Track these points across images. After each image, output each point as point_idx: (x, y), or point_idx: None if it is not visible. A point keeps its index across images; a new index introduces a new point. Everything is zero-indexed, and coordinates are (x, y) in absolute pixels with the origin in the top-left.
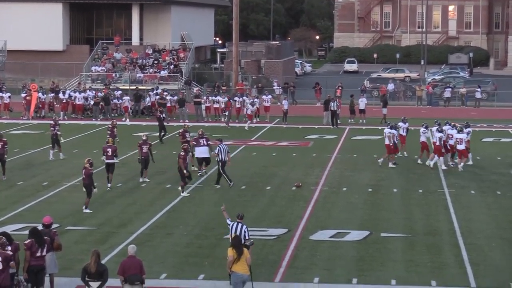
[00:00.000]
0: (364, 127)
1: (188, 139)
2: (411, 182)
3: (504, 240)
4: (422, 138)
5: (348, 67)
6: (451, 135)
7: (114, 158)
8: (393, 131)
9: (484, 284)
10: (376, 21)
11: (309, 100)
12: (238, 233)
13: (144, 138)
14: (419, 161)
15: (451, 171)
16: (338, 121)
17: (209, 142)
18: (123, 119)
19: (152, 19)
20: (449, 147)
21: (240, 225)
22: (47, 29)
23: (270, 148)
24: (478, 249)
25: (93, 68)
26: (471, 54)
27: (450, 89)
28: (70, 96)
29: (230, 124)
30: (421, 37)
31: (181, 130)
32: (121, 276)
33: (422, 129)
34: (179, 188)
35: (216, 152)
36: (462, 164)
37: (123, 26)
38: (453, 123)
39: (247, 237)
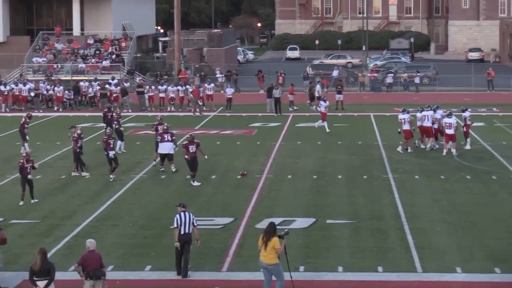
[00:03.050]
0: (307, 114)
1: (160, 131)
2: (356, 168)
3: (448, 224)
4: (406, 126)
5: (290, 54)
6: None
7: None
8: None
9: (430, 268)
10: (317, 7)
11: (252, 88)
12: (185, 222)
13: (78, 132)
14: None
15: (394, 157)
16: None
17: (173, 138)
18: (55, 108)
19: (93, 8)
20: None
21: (187, 213)
22: None
23: (215, 137)
24: (423, 233)
25: (34, 59)
26: (412, 39)
27: (392, 75)
28: (12, 89)
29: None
30: (362, 23)
31: (155, 123)
32: (78, 265)
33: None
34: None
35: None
36: (454, 150)
37: (63, 16)
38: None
39: (195, 224)
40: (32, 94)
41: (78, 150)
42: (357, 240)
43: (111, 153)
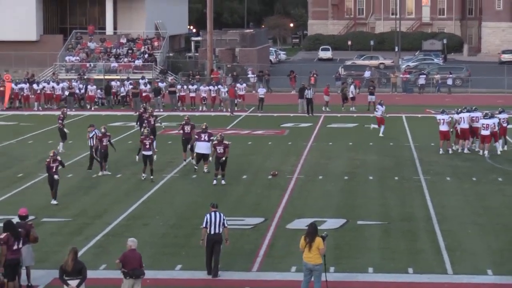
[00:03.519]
0: (339, 115)
1: (187, 131)
2: (387, 169)
3: (479, 226)
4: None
5: (323, 54)
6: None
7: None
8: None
9: (460, 270)
10: (350, 8)
11: (284, 88)
12: (215, 222)
13: (103, 130)
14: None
15: (426, 159)
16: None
17: (211, 138)
18: (88, 107)
19: (126, 8)
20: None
21: (217, 213)
22: (20, 19)
23: (246, 137)
24: (454, 235)
25: (67, 58)
26: (445, 41)
27: (424, 76)
28: (43, 87)
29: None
30: (395, 24)
31: (182, 123)
32: (119, 262)
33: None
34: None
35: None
36: (486, 152)
37: (97, 15)
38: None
39: (225, 225)
40: (67, 93)
41: (102, 150)
42: (388, 241)
43: (146, 153)
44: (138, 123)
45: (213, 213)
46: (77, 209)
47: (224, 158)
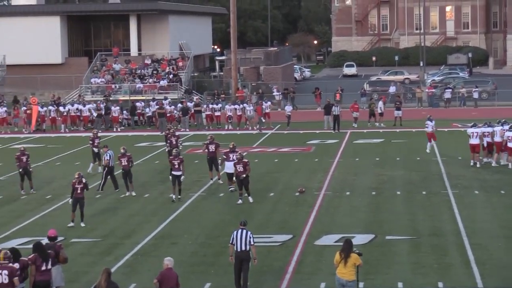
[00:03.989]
0: (365, 131)
1: (212, 150)
2: (414, 184)
3: (509, 239)
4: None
5: (347, 71)
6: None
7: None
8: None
9: (491, 283)
10: (373, 24)
11: (309, 105)
12: (241, 239)
13: (122, 151)
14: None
15: (453, 173)
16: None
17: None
18: (114, 129)
19: (150, 29)
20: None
21: (245, 231)
22: (45, 43)
23: (272, 154)
24: (483, 249)
25: (92, 80)
26: (470, 54)
27: (450, 90)
28: (69, 110)
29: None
30: (419, 39)
31: (206, 142)
32: (157, 282)
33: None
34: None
35: (107, 159)
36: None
37: (121, 37)
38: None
39: (252, 242)
40: (95, 114)
41: (123, 170)
42: (417, 256)
43: (175, 173)
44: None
45: (240, 230)
46: (106, 229)
47: (244, 176)
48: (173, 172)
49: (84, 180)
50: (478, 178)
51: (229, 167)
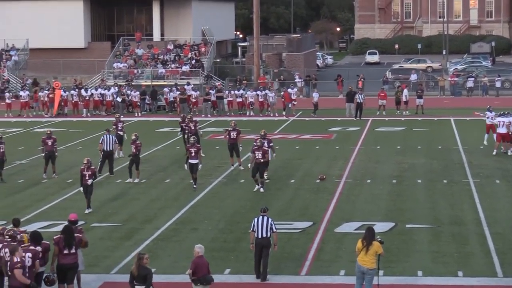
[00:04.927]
0: (387, 119)
1: (233, 136)
2: (435, 173)
3: None
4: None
5: (370, 58)
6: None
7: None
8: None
9: (511, 273)
10: (396, 11)
11: (331, 92)
12: (262, 226)
13: (133, 137)
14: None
15: (475, 162)
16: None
17: (271, 145)
18: (135, 114)
19: (173, 14)
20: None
21: (266, 218)
22: (68, 27)
23: (294, 141)
24: (504, 239)
25: (115, 64)
26: (493, 43)
27: (472, 79)
28: (92, 94)
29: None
30: (442, 27)
31: (229, 128)
32: (191, 272)
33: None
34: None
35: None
36: None
37: (144, 22)
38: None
39: (274, 229)
40: (119, 99)
41: (132, 156)
42: (437, 245)
43: (192, 162)
44: (181, 132)
45: (261, 217)
46: (126, 214)
47: (262, 162)
48: (190, 161)
49: (92, 167)
50: (500, 168)
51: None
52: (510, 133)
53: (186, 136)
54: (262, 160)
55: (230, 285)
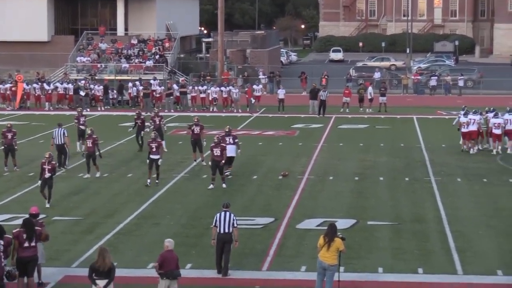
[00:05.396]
0: (350, 116)
1: (196, 132)
2: (398, 170)
3: (490, 228)
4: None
5: (334, 56)
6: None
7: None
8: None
9: (471, 271)
10: (361, 9)
11: (295, 89)
12: (224, 222)
13: (89, 132)
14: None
15: (437, 160)
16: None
17: (236, 141)
18: (98, 108)
19: (137, 9)
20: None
21: (228, 213)
22: (32, 20)
23: (257, 137)
24: (464, 237)
25: (78, 58)
26: (456, 42)
27: (436, 78)
28: (56, 87)
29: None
30: (407, 26)
31: (191, 124)
32: (157, 265)
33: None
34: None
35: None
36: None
37: (108, 16)
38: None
39: (235, 225)
40: (83, 93)
41: (91, 151)
42: (398, 242)
43: (153, 157)
44: (133, 128)
45: (223, 213)
46: (88, 208)
47: (223, 162)
48: (151, 156)
49: (53, 162)
50: (461, 166)
51: (229, 151)
52: (481, 131)
53: (142, 133)
54: (220, 160)
55: (192, 280)
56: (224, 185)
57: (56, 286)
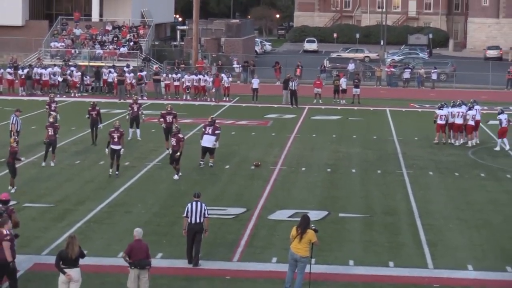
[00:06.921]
0: (323, 107)
1: (169, 120)
2: (370, 162)
3: (461, 221)
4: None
5: (308, 46)
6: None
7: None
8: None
9: (441, 264)
10: (336, 0)
11: (269, 79)
12: (196, 212)
13: (51, 120)
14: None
15: (409, 153)
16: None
17: (216, 132)
18: (72, 95)
19: None
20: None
21: (199, 203)
22: (5, 4)
23: (230, 127)
24: (435, 230)
25: (52, 44)
26: (430, 35)
27: (409, 70)
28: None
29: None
30: (381, 18)
31: (163, 111)
32: (126, 255)
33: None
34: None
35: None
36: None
37: (82, 2)
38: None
39: (206, 215)
40: (60, 79)
41: (52, 139)
42: (369, 234)
43: (114, 147)
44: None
45: (194, 203)
46: (59, 195)
47: (179, 154)
48: (112, 146)
49: (16, 149)
50: (433, 159)
51: (204, 141)
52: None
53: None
54: (176, 150)
55: (162, 270)
56: (175, 176)
57: (25, 274)
